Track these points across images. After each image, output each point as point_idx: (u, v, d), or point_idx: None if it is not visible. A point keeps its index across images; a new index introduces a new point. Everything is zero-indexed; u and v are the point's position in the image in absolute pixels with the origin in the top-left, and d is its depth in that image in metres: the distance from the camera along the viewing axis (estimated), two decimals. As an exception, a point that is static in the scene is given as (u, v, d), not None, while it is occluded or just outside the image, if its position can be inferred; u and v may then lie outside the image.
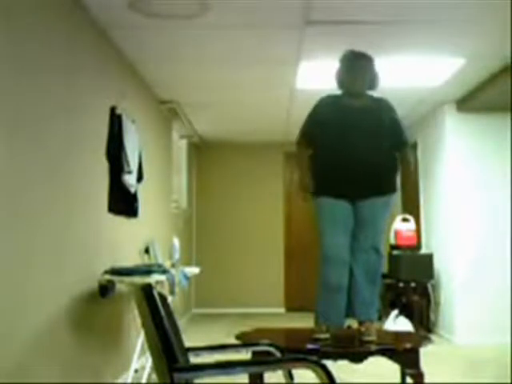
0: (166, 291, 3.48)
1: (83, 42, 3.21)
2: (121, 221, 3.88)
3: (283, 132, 7.11)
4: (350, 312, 3.02)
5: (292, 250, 7.79)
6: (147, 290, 1.75)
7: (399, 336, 3.59)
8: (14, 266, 2.31)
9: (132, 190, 3.98)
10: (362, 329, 2.98)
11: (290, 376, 2.23)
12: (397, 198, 7.49)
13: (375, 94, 3.19)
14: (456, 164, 5.52)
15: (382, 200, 3.04)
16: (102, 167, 3.53)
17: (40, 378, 2.52)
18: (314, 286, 3.07)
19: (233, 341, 2.85)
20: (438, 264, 5.81)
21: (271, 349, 2.19)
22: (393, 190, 3.09)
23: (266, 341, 2.27)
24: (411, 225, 6.19)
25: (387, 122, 3.10)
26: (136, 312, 1.91)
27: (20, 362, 2.37)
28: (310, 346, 2.83)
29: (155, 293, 1.75)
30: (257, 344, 2.34)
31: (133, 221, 4.17)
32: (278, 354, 2.19)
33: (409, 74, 4.54)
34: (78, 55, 3.11)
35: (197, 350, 2.15)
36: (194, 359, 2.08)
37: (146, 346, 2.03)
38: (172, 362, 1.63)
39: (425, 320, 5.85)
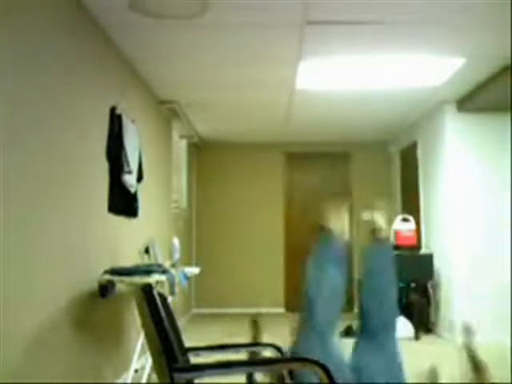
0: (166, 291, 3.48)
1: (83, 42, 3.21)
2: (121, 221, 3.88)
3: (283, 132, 7.11)
4: None
5: (292, 250, 7.79)
6: (147, 290, 1.74)
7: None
8: (13, 266, 2.31)
9: (132, 190, 3.98)
10: None
11: (291, 376, 2.23)
12: (397, 199, 7.51)
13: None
14: (456, 164, 5.52)
15: None
16: (102, 167, 3.52)
17: (40, 378, 2.52)
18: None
19: (233, 341, 2.85)
20: (438, 264, 5.81)
21: (271, 349, 2.19)
22: None
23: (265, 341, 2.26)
24: (411, 225, 6.19)
25: None
26: (136, 312, 1.91)
27: (20, 361, 2.37)
28: None
29: (155, 293, 1.75)
30: (256, 344, 2.33)
31: (133, 221, 4.18)
32: (278, 354, 2.18)
33: (409, 73, 4.54)
34: (78, 55, 3.11)
35: (197, 349, 2.15)
36: (194, 359, 2.08)
37: (146, 346, 2.03)
38: (172, 362, 1.63)
39: (425, 320, 5.85)
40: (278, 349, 2.18)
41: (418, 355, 4.57)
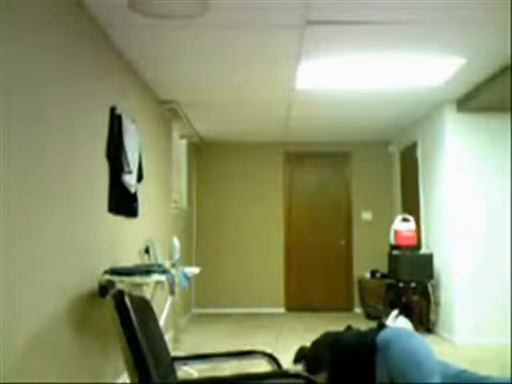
0: (165, 291, 3.47)
1: (83, 42, 3.21)
2: (121, 221, 3.88)
3: (283, 132, 7.11)
4: None
5: (292, 250, 7.79)
6: (118, 298, 1.60)
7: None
8: (14, 266, 2.31)
9: (132, 189, 3.98)
10: None
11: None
12: (397, 199, 7.50)
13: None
14: (456, 164, 5.52)
15: None
16: (102, 167, 3.52)
17: (40, 378, 2.52)
18: (314, 285, 3.03)
19: (232, 340, 2.84)
20: (438, 264, 5.81)
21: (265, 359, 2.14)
22: None
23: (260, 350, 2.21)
24: (411, 225, 6.20)
25: None
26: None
27: (20, 361, 2.36)
28: None
29: (127, 301, 1.62)
30: (249, 352, 2.19)
31: (133, 221, 4.17)
32: (275, 365, 2.15)
33: (409, 73, 4.54)
34: (78, 55, 3.11)
35: (184, 359, 2.10)
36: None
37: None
38: (145, 378, 1.54)
39: (425, 320, 5.85)
40: (274, 359, 2.15)
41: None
